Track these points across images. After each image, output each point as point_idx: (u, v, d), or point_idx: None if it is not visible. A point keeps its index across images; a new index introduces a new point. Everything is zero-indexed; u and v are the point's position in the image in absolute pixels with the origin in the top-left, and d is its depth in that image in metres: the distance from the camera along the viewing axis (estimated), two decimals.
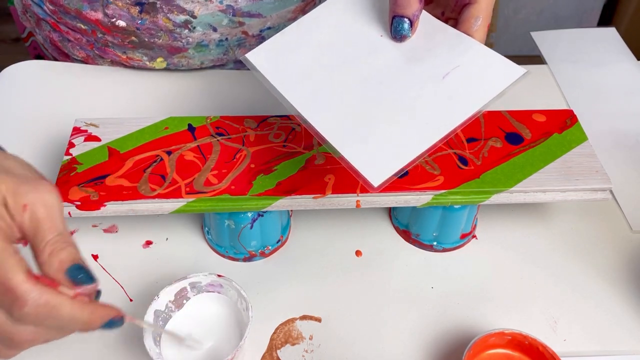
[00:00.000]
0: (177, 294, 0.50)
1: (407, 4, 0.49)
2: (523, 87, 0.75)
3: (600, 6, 1.96)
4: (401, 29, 0.50)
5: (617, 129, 0.70)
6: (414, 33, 0.51)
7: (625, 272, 0.57)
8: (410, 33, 0.50)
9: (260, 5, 0.70)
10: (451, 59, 0.49)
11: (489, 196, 0.53)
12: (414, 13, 0.49)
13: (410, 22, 0.50)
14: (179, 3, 0.67)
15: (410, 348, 0.52)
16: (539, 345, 0.48)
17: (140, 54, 0.73)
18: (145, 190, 0.52)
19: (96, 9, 0.69)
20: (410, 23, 0.50)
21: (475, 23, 0.50)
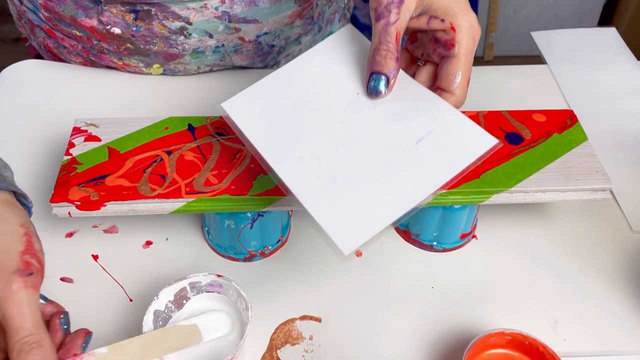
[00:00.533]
0: (177, 294, 0.50)
1: (384, 62, 0.49)
2: (523, 87, 0.76)
3: (601, 6, 1.97)
4: (377, 86, 0.50)
5: (617, 129, 0.70)
6: (390, 91, 0.50)
7: (625, 272, 0.57)
8: (386, 90, 0.50)
9: (256, 11, 0.70)
10: (425, 123, 0.49)
11: (489, 196, 0.53)
12: (390, 71, 0.49)
13: (387, 79, 0.49)
14: (174, 10, 0.67)
15: (410, 348, 0.52)
16: (539, 345, 0.48)
17: (136, 60, 0.73)
18: (145, 190, 0.52)
19: (91, 16, 0.69)
20: (387, 81, 0.50)
21: (455, 80, 0.50)
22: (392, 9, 0.49)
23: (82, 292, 0.55)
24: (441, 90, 0.50)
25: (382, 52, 0.49)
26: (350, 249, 0.43)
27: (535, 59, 0.83)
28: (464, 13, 0.49)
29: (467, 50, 0.49)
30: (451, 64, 0.49)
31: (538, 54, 0.82)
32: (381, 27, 0.49)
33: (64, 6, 0.69)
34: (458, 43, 0.49)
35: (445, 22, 0.49)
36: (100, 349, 0.43)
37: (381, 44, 0.49)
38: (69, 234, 0.59)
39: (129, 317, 0.53)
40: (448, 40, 0.49)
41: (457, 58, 0.49)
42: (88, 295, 0.55)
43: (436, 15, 0.49)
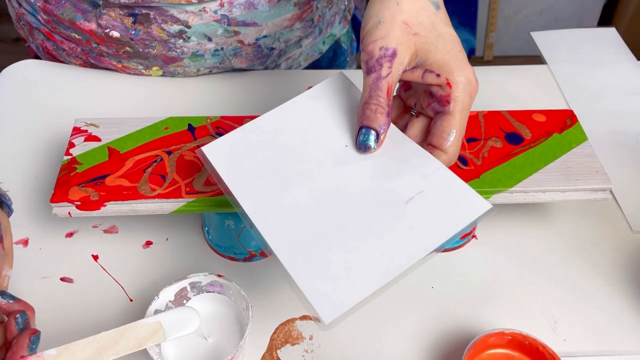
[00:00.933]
0: (177, 294, 0.50)
1: (374, 116, 0.47)
2: (523, 87, 0.76)
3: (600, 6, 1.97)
4: (367, 141, 0.48)
5: (617, 129, 0.70)
6: (380, 146, 0.48)
7: (625, 272, 0.57)
8: (376, 145, 0.48)
9: (256, 14, 0.69)
10: (416, 182, 0.46)
11: (489, 196, 0.54)
12: (381, 126, 0.47)
13: (376, 134, 0.47)
14: (173, 13, 0.67)
15: (410, 348, 0.52)
16: (539, 345, 0.48)
17: (136, 63, 0.73)
18: (145, 190, 0.52)
19: (90, 19, 0.68)
20: (377, 135, 0.48)
21: (448, 138, 0.47)
22: (384, 63, 0.47)
23: (82, 292, 0.55)
24: (433, 147, 0.48)
25: (372, 107, 0.47)
26: (331, 318, 0.40)
27: (535, 59, 0.83)
28: (460, 68, 0.46)
29: (463, 107, 0.47)
30: (445, 120, 0.47)
31: (538, 54, 0.82)
32: (372, 81, 0.47)
33: (63, 9, 0.69)
34: (454, 100, 0.46)
35: (441, 77, 0.46)
36: (49, 351, 0.41)
37: (371, 98, 0.47)
38: (69, 234, 0.59)
39: (129, 317, 0.53)
40: (443, 96, 0.46)
41: (451, 115, 0.47)
42: (88, 295, 0.55)
43: (431, 70, 0.47)
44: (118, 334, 0.44)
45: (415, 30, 0.47)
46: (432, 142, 0.48)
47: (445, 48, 0.47)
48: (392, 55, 0.46)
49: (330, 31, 0.82)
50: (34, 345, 0.42)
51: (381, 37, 0.47)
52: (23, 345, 0.41)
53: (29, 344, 0.41)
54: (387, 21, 0.47)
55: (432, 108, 0.48)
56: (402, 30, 0.47)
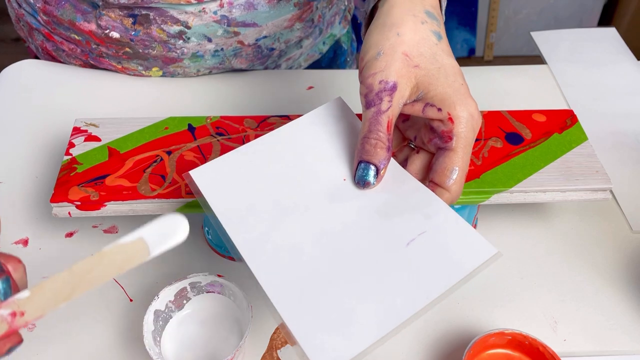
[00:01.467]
0: (177, 294, 0.50)
1: (374, 151, 0.45)
2: (523, 87, 0.76)
3: (601, 6, 1.97)
4: (366, 176, 0.46)
5: (618, 129, 0.70)
6: (380, 181, 0.46)
7: (625, 273, 0.57)
8: (375, 181, 0.46)
9: (255, 15, 0.69)
10: (417, 222, 0.44)
11: (489, 196, 0.53)
12: (381, 161, 0.45)
13: (376, 169, 0.45)
14: (173, 14, 0.67)
15: (410, 348, 0.52)
16: (539, 346, 0.48)
17: (135, 64, 0.73)
18: (146, 190, 0.52)
19: (89, 20, 0.68)
20: (377, 171, 0.46)
21: (451, 176, 0.45)
22: (384, 97, 0.45)
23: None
24: (435, 184, 0.46)
25: (372, 141, 0.45)
26: None
27: (535, 59, 0.83)
28: (463, 102, 0.44)
29: (466, 143, 0.45)
30: (448, 157, 0.45)
31: (538, 54, 0.82)
32: (371, 115, 0.45)
33: (63, 10, 0.69)
34: (456, 136, 0.44)
35: (443, 111, 0.44)
36: (21, 293, 0.35)
37: (371, 133, 0.45)
38: (69, 234, 0.59)
39: (129, 317, 0.53)
40: (445, 131, 0.44)
41: (454, 152, 0.45)
42: (88, 295, 0.54)
43: (432, 104, 0.45)
44: (95, 260, 0.38)
45: (416, 62, 0.45)
46: (434, 180, 0.46)
47: (447, 81, 0.45)
48: (392, 88, 0.45)
49: (330, 31, 0.82)
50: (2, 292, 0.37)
51: (381, 69, 0.45)
52: None
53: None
54: (387, 53, 0.45)
55: (433, 144, 0.46)
56: (403, 62, 0.45)
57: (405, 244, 0.43)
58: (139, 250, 0.39)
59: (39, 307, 0.35)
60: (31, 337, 0.51)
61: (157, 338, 0.48)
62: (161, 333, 0.49)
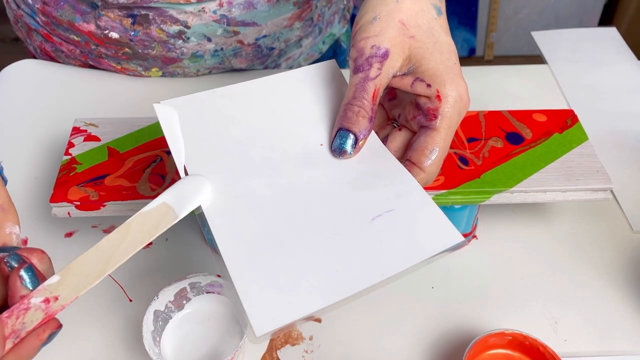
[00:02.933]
0: (176, 295, 0.50)
1: (355, 119, 0.44)
2: (523, 87, 0.76)
3: (601, 6, 1.97)
4: (344, 144, 0.44)
5: (618, 129, 0.70)
6: (357, 153, 0.45)
7: (626, 273, 0.57)
8: (353, 151, 0.44)
9: (255, 14, 0.69)
10: (387, 199, 0.42)
11: (489, 196, 0.53)
12: (361, 131, 0.44)
13: (355, 139, 0.44)
14: (172, 14, 0.67)
15: (410, 348, 0.51)
16: (539, 346, 0.48)
17: (135, 64, 0.73)
18: (145, 190, 0.52)
19: (88, 20, 0.68)
20: (355, 141, 0.44)
21: (430, 156, 0.43)
22: (374, 63, 0.43)
23: None
24: (411, 163, 0.44)
25: (354, 109, 0.44)
26: (263, 331, 0.36)
27: (535, 58, 0.83)
28: (454, 82, 0.43)
29: (450, 124, 0.44)
30: (429, 136, 0.43)
31: (538, 54, 0.82)
32: (358, 81, 0.44)
33: (62, 11, 0.69)
34: (441, 115, 0.43)
35: (432, 88, 0.43)
36: (51, 279, 0.35)
37: (355, 99, 0.44)
38: (69, 234, 0.59)
39: (128, 318, 0.53)
40: (431, 109, 0.43)
41: (437, 131, 0.43)
42: (88, 296, 0.54)
43: (422, 79, 0.43)
44: (120, 234, 0.38)
45: (412, 33, 0.44)
46: (411, 158, 0.44)
47: (440, 57, 0.44)
48: (383, 55, 0.43)
49: (329, 31, 0.82)
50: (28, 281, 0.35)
51: (374, 34, 0.43)
52: (16, 283, 0.34)
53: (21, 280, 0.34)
54: (383, 18, 0.43)
55: (417, 121, 0.45)
56: (398, 30, 0.44)
57: (370, 218, 0.41)
58: (164, 215, 0.39)
59: (72, 288, 0.35)
60: None
61: (157, 338, 0.48)
62: (161, 333, 0.49)
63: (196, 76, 0.75)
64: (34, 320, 0.34)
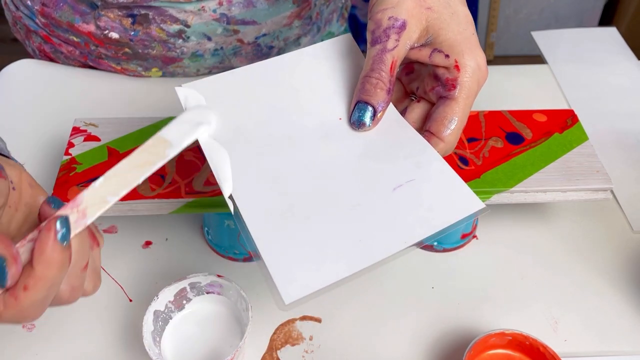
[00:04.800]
0: (176, 295, 0.50)
1: (374, 91, 0.44)
2: (524, 87, 0.76)
3: (601, 6, 1.96)
4: (362, 117, 0.44)
5: (618, 129, 0.70)
6: (376, 125, 0.45)
7: (626, 273, 0.57)
8: (371, 123, 0.45)
9: (254, 12, 0.69)
10: (408, 169, 0.43)
11: (489, 196, 0.53)
12: (379, 102, 0.44)
13: (374, 111, 0.44)
14: (172, 13, 0.67)
15: (410, 348, 0.51)
16: (539, 346, 0.48)
17: (135, 64, 0.73)
18: (145, 190, 0.52)
19: (88, 21, 0.68)
20: (374, 113, 0.44)
21: (449, 126, 0.44)
22: (391, 35, 0.43)
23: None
24: (430, 134, 0.45)
25: (372, 81, 0.44)
26: (292, 299, 0.37)
27: (535, 58, 0.83)
28: (472, 51, 0.44)
29: (469, 94, 0.44)
30: (448, 106, 0.44)
31: (539, 54, 0.82)
32: (376, 53, 0.44)
33: (61, 12, 0.69)
34: (460, 85, 0.43)
35: (450, 58, 0.43)
36: (96, 181, 0.37)
37: (373, 72, 0.44)
38: None
39: (128, 318, 0.53)
40: (450, 79, 0.44)
41: (455, 101, 0.43)
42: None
43: (440, 49, 0.44)
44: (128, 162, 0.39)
45: (429, 4, 0.44)
46: (430, 129, 0.45)
47: (458, 28, 0.44)
48: (400, 27, 0.43)
49: (328, 29, 0.82)
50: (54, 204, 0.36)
51: (392, 5, 0.44)
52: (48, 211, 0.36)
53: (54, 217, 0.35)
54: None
55: (435, 92, 0.45)
56: (415, 2, 0.44)
57: (392, 189, 0.42)
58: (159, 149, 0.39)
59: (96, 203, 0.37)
60: (31, 338, 0.51)
61: (157, 338, 0.48)
62: (161, 333, 0.49)
63: (196, 76, 0.75)
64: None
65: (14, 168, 0.39)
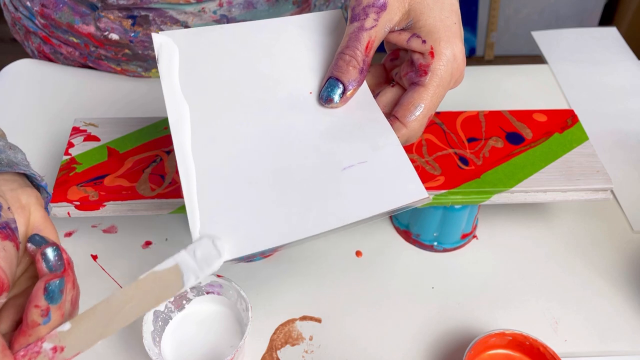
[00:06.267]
0: (176, 295, 0.50)
1: (346, 68, 0.43)
2: (524, 86, 0.76)
3: (601, 6, 1.96)
4: (331, 93, 0.44)
5: (618, 129, 0.70)
6: (344, 104, 0.44)
7: (626, 273, 0.57)
8: (339, 101, 0.44)
9: (255, 13, 0.69)
10: (362, 151, 0.42)
11: (489, 196, 0.53)
12: (350, 81, 0.43)
13: (343, 89, 0.44)
14: (172, 14, 0.67)
15: (410, 348, 0.51)
16: (539, 346, 0.48)
17: (135, 65, 0.73)
18: (145, 190, 0.52)
19: (88, 22, 0.68)
20: (343, 90, 0.44)
21: (414, 112, 0.43)
22: (370, 14, 0.43)
23: (81, 292, 0.54)
24: (395, 118, 0.44)
25: (346, 58, 0.43)
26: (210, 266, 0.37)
27: (536, 58, 0.83)
28: (449, 40, 0.42)
29: (440, 82, 0.43)
30: (416, 92, 0.43)
31: (539, 54, 0.82)
32: (352, 30, 0.43)
33: (61, 13, 0.69)
34: (432, 71, 0.42)
35: (426, 44, 0.42)
36: (63, 326, 0.36)
37: (348, 49, 0.43)
38: (68, 233, 0.59)
39: None
40: (422, 65, 0.43)
41: (425, 88, 0.42)
42: (87, 296, 0.54)
43: (419, 35, 0.43)
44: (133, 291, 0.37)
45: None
46: (396, 114, 0.44)
47: (440, 15, 0.43)
48: (381, 7, 0.42)
49: None
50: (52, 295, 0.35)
51: None
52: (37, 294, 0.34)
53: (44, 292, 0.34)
54: None
55: (408, 78, 0.44)
56: None
57: (342, 168, 0.42)
58: (172, 281, 0.37)
59: (77, 343, 0.36)
60: None
61: (157, 339, 0.48)
62: (161, 334, 0.49)
63: None
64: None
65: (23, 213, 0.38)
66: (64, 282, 0.36)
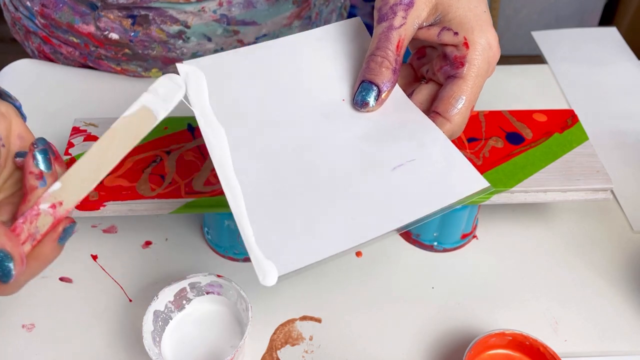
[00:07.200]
0: (176, 295, 0.50)
1: (378, 70, 0.43)
2: (524, 86, 0.76)
3: (602, 6, 1.96)
4: (366, 97, 0.43)
5: (618, 129, 0.70)
6: (380, 106, 0.44)
7: (626, 273, 0.57)
8: (375, 104, 0.43)
9: (255, 13, 0.69)
10: (409, 149, 0.42)
11: (489, 196, 0.53)
12: (384, 82, 0.43)
13: (378, 91, 0.43)
14: (172, 14, 0.67)
15: (410, 348, 0.51)
16: (539, 346, 0.48)
17: (135, 65, 0.73)
18: (145, 190, 0.52)
19: (88, 22, 0.68)
20: (378, 93, 0.43)
21: (456, 105, 0.42)
22: (398, 12, 0.42)
23: (81, 292, 0.55)
24: (437, 114, 0.43)
25: (378, 59, 0.43)
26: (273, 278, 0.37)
27: (536, 58, 0.83)
28: (482, 29, 0.42)
29: (478, 73, 0.42)
30: (456, 84, 0.42)
31: (539, 54, 0.82)
32: (382, 31, 0.43)
33: (61, 13, 0.69)
34: (469, 62, 0.42)
35: (459, 35, 0.42)
36: (54, 186, 0.38)
37: (379, 50, 0.43)
38: None
39: (128, 318, 0.53)
40: (458, 57, 0.42)
41: (464, 80, 0.42)
42: (87, 296, 0.54)
43: (449, 27, 0.42)
44: (106, 140, 0.39)
45: None
46: (437, 109, 0.43)
47: (468, 5, 0.42)
48: (408, 4, 0.42)
49: None
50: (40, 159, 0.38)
51: None
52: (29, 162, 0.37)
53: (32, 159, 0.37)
54: None
55: (443, 72, 0.43)
56: None
57: (391, 168, 0.41)
58: (145, 118, 0.41)
59: (73, 194, 0.38)
60: (31, 338, 0.51)
61: (157, 339, 0.48)
62: (161, 334, 0.49)
63: None
64: (45, 224, 0.37)
65: (4, 119, 0.39)
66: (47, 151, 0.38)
